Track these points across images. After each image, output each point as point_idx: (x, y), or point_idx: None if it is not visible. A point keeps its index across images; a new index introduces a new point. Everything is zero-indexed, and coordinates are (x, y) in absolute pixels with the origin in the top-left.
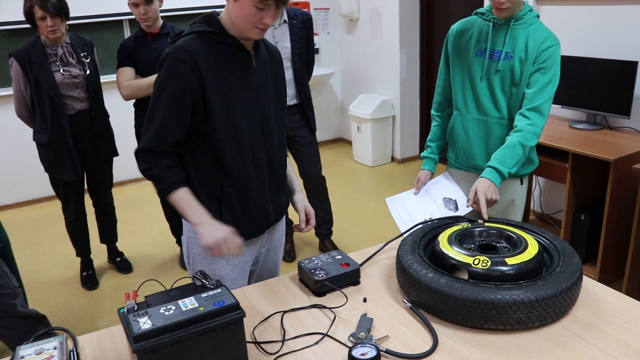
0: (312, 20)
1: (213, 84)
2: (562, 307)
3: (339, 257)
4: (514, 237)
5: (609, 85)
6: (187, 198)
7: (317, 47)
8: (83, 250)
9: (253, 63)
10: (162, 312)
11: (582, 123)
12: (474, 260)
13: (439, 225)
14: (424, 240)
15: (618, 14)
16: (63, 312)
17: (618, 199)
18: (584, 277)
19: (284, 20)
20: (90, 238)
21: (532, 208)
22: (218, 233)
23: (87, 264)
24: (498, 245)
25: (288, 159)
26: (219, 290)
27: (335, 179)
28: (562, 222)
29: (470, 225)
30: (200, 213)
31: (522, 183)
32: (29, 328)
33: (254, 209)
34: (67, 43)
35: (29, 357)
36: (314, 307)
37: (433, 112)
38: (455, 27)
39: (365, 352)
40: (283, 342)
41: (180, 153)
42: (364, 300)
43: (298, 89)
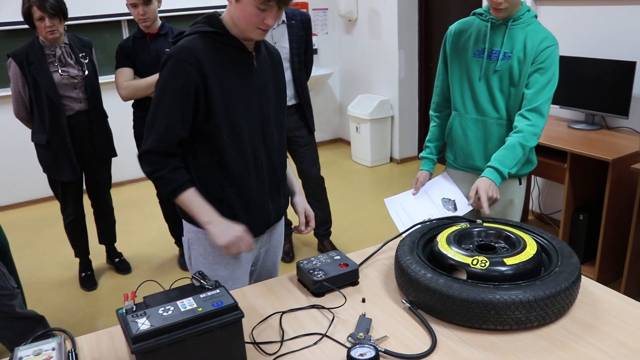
0: (310, 21)
1: (215, 84)
2: (560, 307)
3: (338, 257)
4: (513, 237)
5: (607, 86)
6: (196, 198)
7: (315, 47)
8: (82, 251)
9: (254, 64)
10: (160, 312)
11: (580, 123)
12: (473, 261)
13: (438, 226)
14: (423, 241)
15: (616, 14)
16: (62, 312)
17: (617, 199)
18: (583, 277)
19: (283, 21)
20: (89, 239)
21: (530, 208)
22: (231, 232)
23: (85, 265)
24: (496, 246)
25: (287, 160)
26: (218, 291)
27: (334, 180)
28: (560, 222)
29: (469, 226)
30: (210, 212)
31: (520, 183)
32: (28, 329)
33: (255, 209)
34: (65, 43)
35: (28, 358)
36: (313, 307)
37: (431, 112)
38: (453, 27)
39: (364, 352)
40: (282, 342)
41: (182, 153)
42: (363, 301)
43: (297, 90)
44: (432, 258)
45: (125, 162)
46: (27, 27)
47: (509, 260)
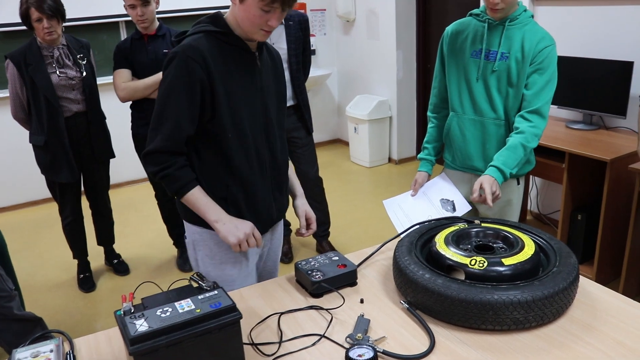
0: (308, 22)
1: (220, 83)
2: (558, 307)
3: (336, 258)
4: (511, 237)
5: (605, 86)
6: (202, 196)
7: (313, 48)
8: (80, 253)
9: (258, 64)
10: (158, 314)
11: (578, 123)
12: (471, 261)
13: (436, 226)
14: (421, 241)
15: (614, 15)
16: (60, 314)
17: (615, 199)
18: (581, 277)
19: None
20: (87, 240)
21: (529, 208)
22: (239, 231)
23: (84, 266)
24: (495, 246)
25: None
26: (216, 292)
27: (333, 180)
28: (559, 222)
29: (467, 226)
30: (218, 210)
31: (518, 183)
32: (26, 331)
33: (259, 208)
34: (63, 45)
35: None
36: (311, 308)
37: (429, 113)
38: (450, 28)
39: (362, 353)
40: (280, 343)
41: (187, 153)
42: (361, 302)
43: (295, 90)
44: (430, 258)
45: (124, 163)
46: (25, 28)
47: (507, 261)
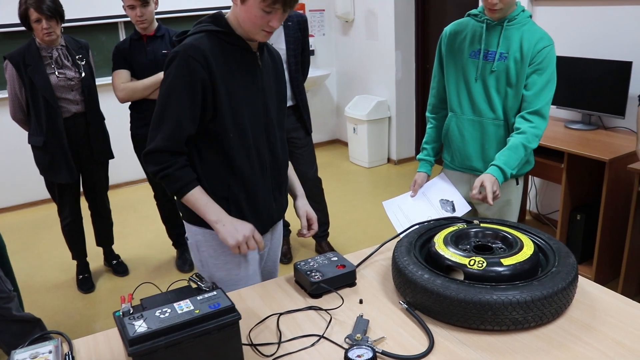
0: (307, 22)
1: (222, 83)
2: (557, 307)
3: (335, 258)
4: (510, 237)
5: (604, 86)
6: (203, 197)
7: (312, 48)
8: (79, 253)
9: (259, 63)
10: (157, 315)
11: (577, 123)
12: (470, 261)
13: (435, 226)
14: (420, 242)
15: (612, 15)
16: (59, 315)
17: (613, 199)
18: (580, 277)
19: None
20: (87, 241)
21: (528, 208)
22: (240, 232)
23: (83, 267)
24: (493, 246)
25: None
26: (215, 293)
27: (332, 181)
28: (558, 222)
29: (466, 226)
30: (218, 211)
31: (517, 183)
32: (25, 332)
33: (261, 208)
34: (62, 45)
35: None
36: (310, 309)
37: (428, 114)
38: (448, 29)
39: (362, 353)
40: (279, 344)
41: (188, 153)
42: (360, 302)
43: (294, 91)
44: (429, 259)
45: (123, 164)
46: (23, 29)
47: (506, 261)
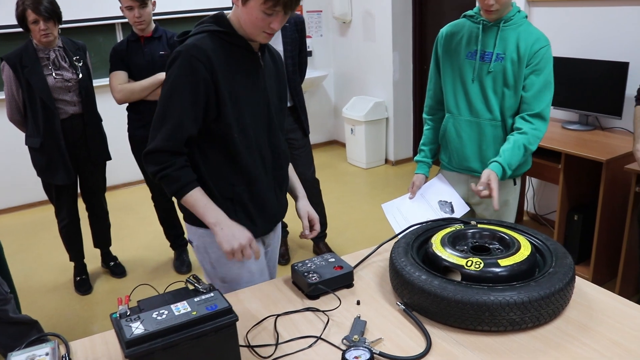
0: (304, 23)
1: (225, 83)
2: (555, 308)
3: (332, 259)
4: (507, 238)
5: (601, 86)
6: (202, 198)
7: (310, 49)
8: (76, 255)
9: (261, 63)
10: (154, 316)
11: (574, 124)
12: (467, 262)
13: (432, 227)
14: (417, 242)
15: (609, 16)
16: (56, 317)
17: (611, 200)
18: (577, 277)
19: None
20: (84, 242)
21: (525, 209)
22: (234, 239)
23: (80, 269)
24: (491, 247)
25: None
26: (212, 294)
27: (329, 182)
28: (555, 222)
29: (463, 227)
30: (217, 213)
31: (515, 184)
32: (21, 334)
33: (265, 207)
34: (59, 47)
35: None
36: (308, 310)
37: (425, 115)
38: (445, 30)
39: (359, 354)
40: (276, 345)
41: (190, 153)
42: (358, 303)
43: (291, 92)
44: (426, 260)
45: (120, 165)
46: (21, 30)
47: (503, 262)
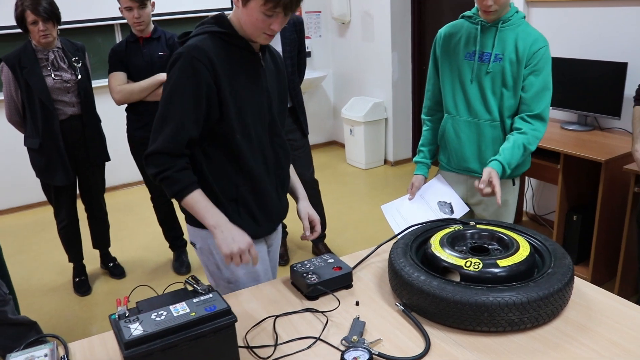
0: (303, 24)
1: (226, 84)
2: (553, 308)
3: (331, 260)
4: (506, 238)
5: (600, 87)
6: (202, 200)
7: (309, 50)
8: (75, 256)
9: (262, 64)
10: (153, 317)
11: (573, 124)
12: (466, 263)
13: (431, 228)
14: (416, 243)
15: (607, 16)
16: (55, 318)
17: (610, 200)
18: (576, 278)
19: None
20: (83, 243)
21: (524, 209)
22: (234, 243)
23: (79, 270)
24: (490, 247)
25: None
26: (211, 295)
27: (329, 182)
28: (554, 223)
29: (462, 228)
30: (218, 215)
31: (514, 184)
32: (20, 335)
33: (269, 207)
34: (58, 48)
35: None
36: (307, 311)
37: (423, 116)
38: (443, 31)
39: (358, 355)
40: (275, 346)
41: (192, 155)
42: (357, 304)
43: (290, 93)
44: (425, 260)
45: (119, 166)
46: (20, 31)
47: (502, 262)
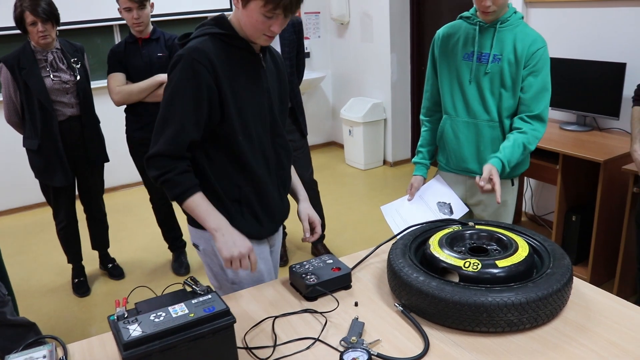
0: (302, 25)
1: (227, 85)
2: (552, 308)
3: (330, 261)
4: (505, 239)
5: (599, 87)
6: (203, 203)
7: (308, 51)
8: (74, 257)
9: (263, 65)
10: (152, 318)
11: (572, 124)
12: (465, 263)
13: (430, 228)
14: (415, 244)
15: (606, 16)
16: (54, 319)
17: (608, 200)
18: (575, 278)
19: None
20: (82, 244)
21: (523, 209)
22: (235, 247)
23: (78, 271)
24: (489, 248)
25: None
26: (210, 296)
27: (328, 183)
28: (553, 223)
29: (461, 228)
30: (219, 218)
31: (512, 184)
32: (19, 336)
33: (271, 208)
34: (57, 49)
35: None
36: (306, 311)
37: (422, 117)
38: (441, 31)
39: (357, 356)
40: (274, 347)
41: (194, 157)
42: (356, 305)
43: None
44: (424, 261)
45: (118, 167)
46: (19, 32)
47: (501, 263)
